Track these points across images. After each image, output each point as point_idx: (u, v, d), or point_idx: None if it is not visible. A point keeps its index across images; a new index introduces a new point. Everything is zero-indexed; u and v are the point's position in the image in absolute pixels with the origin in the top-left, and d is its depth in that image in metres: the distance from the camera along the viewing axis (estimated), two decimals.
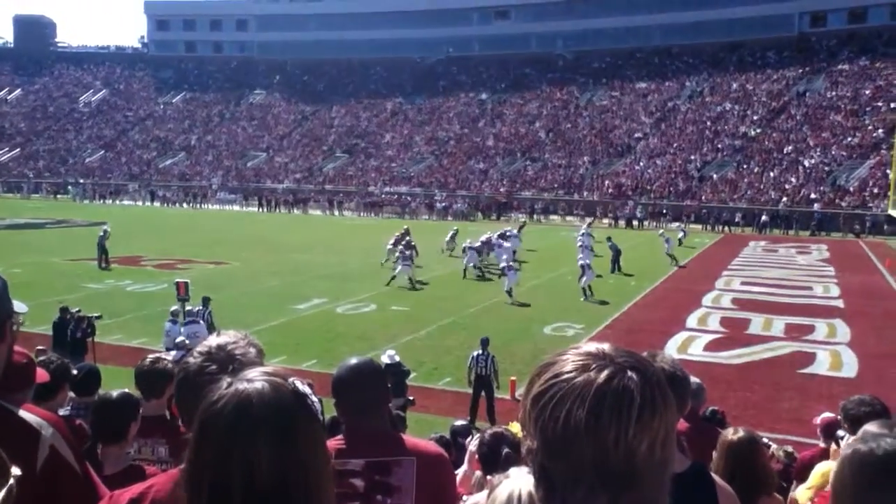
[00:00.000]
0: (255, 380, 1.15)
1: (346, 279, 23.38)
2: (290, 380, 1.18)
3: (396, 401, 9.56)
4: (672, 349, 15.53)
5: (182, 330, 12.57)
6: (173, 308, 14.02)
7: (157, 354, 4.55)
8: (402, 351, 12.81)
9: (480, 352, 11.59)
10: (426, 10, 77.50)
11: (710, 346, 15.81)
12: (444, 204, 53.05)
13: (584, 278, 21.19)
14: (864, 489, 1.30)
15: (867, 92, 53.56)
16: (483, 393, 11.40)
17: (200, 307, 14.49)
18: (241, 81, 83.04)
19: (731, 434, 3.45)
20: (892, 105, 50.21)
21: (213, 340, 1.70)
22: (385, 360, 10.51)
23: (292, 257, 28.18)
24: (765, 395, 12.63)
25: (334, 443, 2.28)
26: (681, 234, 34.29)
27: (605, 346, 1.03)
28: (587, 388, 0.96)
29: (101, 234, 25.56)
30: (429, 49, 78.28)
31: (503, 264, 23.01)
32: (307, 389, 1.18)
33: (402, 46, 78.28)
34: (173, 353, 9.46)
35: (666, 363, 2.87)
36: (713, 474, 2.61)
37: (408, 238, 26.01)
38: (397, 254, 24.21)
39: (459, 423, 7.33)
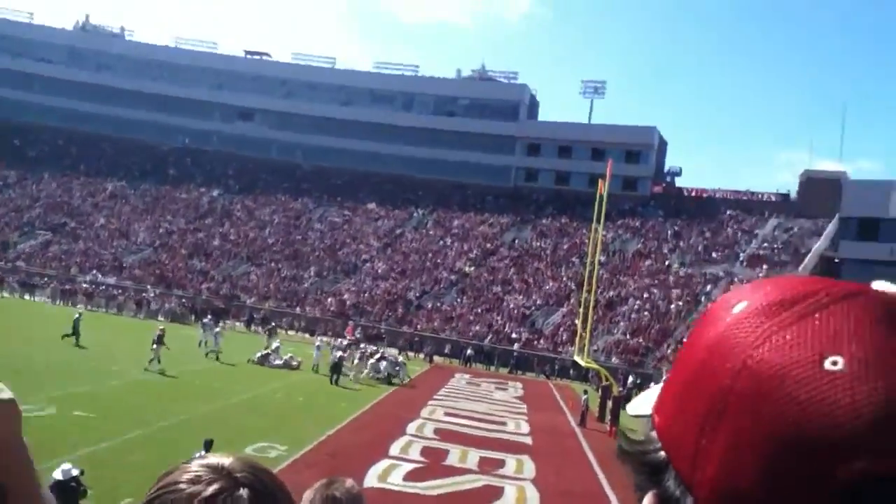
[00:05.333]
0: None
1: (23, 374, 20.47)
2: None
3: None
4: (373, 477, 15.47)
5: None
6: None
7: None
8: (83, 464, 11.28)
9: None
10: (167, 95, 75.00)
11: (410, 476, 15.97)
12: (154, 302, 49.49)
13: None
14: None
15: (565, 246, 60.76)
16: None
17: None
18: None
19: None
20: (582, 260, 57.42)
21: None
22: (57, 475, 9.19)
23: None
24: None
25: None
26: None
27: (229, 460, 0.97)
28: (191, 499, 0.90)
29: None
30: (164, 135, 75.28)
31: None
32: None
33: (135, 127, 74.54)
34: None
35: (339, 491, 2.71)
36: None
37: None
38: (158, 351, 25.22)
39: None
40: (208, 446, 11.69)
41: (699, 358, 0.56)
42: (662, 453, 0.59)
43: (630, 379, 37.27)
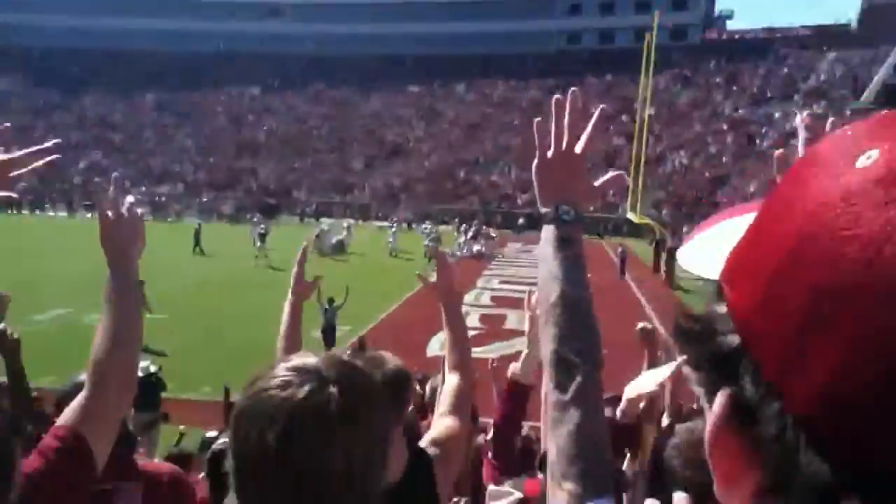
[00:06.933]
0: None
1: (96, 287, 21.27)
2: None
3: (142, 416, 8.72)
4: (436, 346, 15.90)
5: None
6: None
7: None
8: (160, 362, 11.83)
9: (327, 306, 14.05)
10: (199, 1, 74.08)
11: (471, 342, 16.30)
12: (210, 204, 50.59)
13: None
14: None
15: (613, 105, 59.07)
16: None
17: None
18: None
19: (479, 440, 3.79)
20: (631, 118, 55.86)
21: None
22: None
23: (29, 262, 25.22)
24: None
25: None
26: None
27: (314, 360, 0.98)
28: (283, 404, 0.93)
29: None
30: (198, 42, 74.68)
31: None
32: None
33: (169, 38, 74.03)
34: None
35: (388, 366, 2.75)
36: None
37: None
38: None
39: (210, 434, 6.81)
40: (330, 302, 14.37)
41: (802, 230, 0.42)
42: (736, 338, 0.46)
43: (685, 230, 36.84)
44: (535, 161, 1.35)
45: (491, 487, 2.65)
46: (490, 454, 2.78)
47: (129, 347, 1.65)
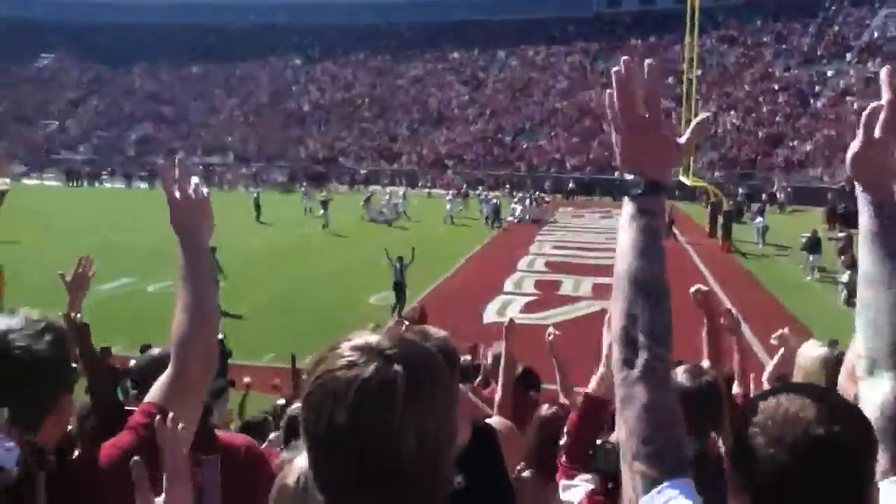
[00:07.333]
0: None
1: (157, 256, 21.96)
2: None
3: (211, 384, 9.10)
4: (492, 313, 16.17)
5: None
6: None
7: None
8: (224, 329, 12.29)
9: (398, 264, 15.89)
10: None
11: (527, 309, 16.57)
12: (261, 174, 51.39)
13: None
14: None
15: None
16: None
17: None
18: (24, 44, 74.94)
19: (545, 410, 3.63)
20: (678, 78, 54.71)
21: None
22: None
23: (92, 232, 26.04)
24: (573, 349, 13.41)
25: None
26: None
27: (377, 338, 1.01)
28: (350, 385, 0.94)
29: None
30: (232, 14, 74.99)
31: None
32: None
33: (203, 11, 74.52)
34: None
35: (436, 341, 2.82)
36: (498, 425, 2.63)
37: None
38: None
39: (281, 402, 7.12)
40: (400, 260, 16.13)
41: None
42: None
43: (740, 191, 36.36)
44: (618, 132, 1.32)
45: (563, 482, 2.74)
46: (564, 457, 2.87)
47: (209, 325, 1.67)
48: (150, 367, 2.33)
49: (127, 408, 2.92)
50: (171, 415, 1.40)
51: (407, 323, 4.42)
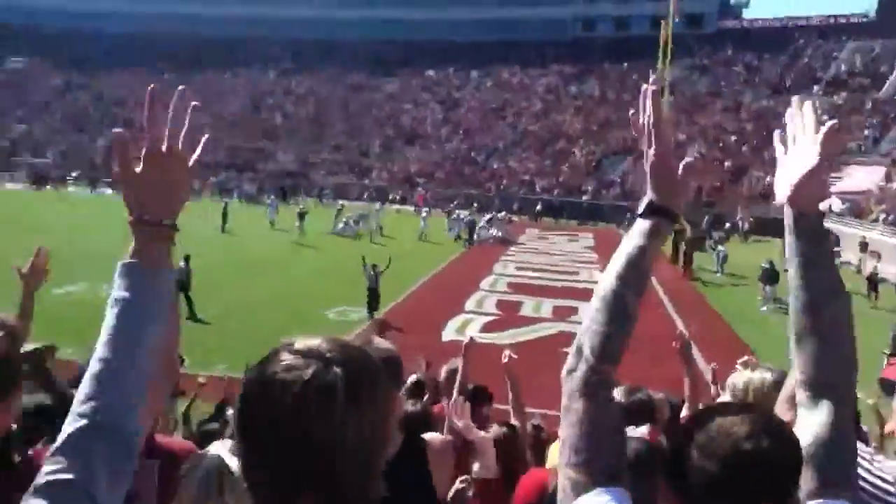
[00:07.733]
0: None
1: (114, 261, 21.58)
2: None
3: None
4: (451, 331, 16.13)
5: None
6: None
7: None
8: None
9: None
10: None
11: (487, 328, 16.55)
12: (227, 184, 50.96)
13: None
14: None
15: (629, 94, 58.72)
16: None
17: None
18: None
19: (495, 430, 3.84)
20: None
21: None
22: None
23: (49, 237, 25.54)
24: (528, 370, 13.41)
25: None
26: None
27: (317, 342, 1.01)
28: (289, 387, 0.94)
29: None
30: (211, 26, 74.95)
31: None
32: None
33: (180, 21, 74.50)
34: None
35: (381, 346, 2.86)
36: (433, 439, 2.64)
37: None
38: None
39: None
40: (374, 268, 17.01)
41: None
42: None
43: (705, 219, 36.77)
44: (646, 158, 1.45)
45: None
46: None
47: (171, 335, 1.51)
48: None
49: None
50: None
51: (379, 325, 4.47)
